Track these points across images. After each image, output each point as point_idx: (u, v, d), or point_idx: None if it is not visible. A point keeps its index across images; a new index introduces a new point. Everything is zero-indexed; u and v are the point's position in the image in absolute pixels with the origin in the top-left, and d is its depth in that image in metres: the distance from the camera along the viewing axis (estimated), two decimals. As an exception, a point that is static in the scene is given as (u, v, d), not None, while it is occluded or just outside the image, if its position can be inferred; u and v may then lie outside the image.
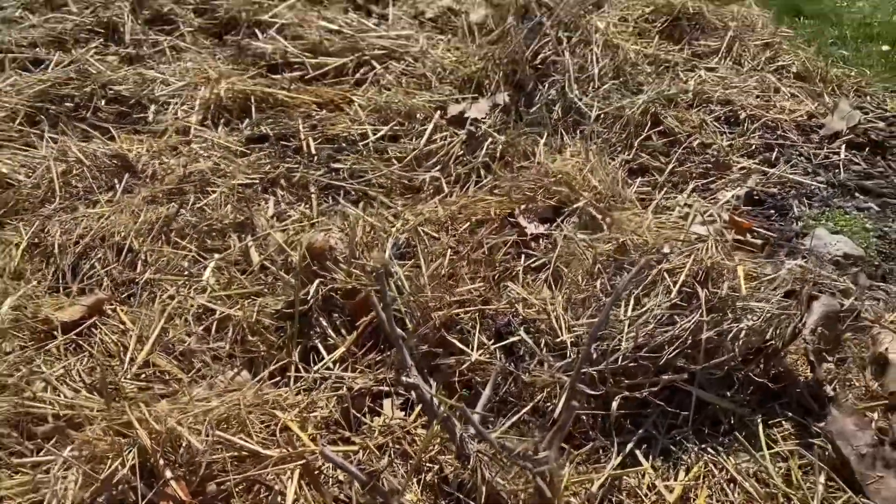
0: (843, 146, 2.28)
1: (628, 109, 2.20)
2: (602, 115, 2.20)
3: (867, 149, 2.30)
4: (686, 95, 2.34)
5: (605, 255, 1.56)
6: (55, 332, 1.56)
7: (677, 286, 1.41)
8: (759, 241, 1.79)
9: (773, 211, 2.01)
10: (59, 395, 1.40)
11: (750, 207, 2.02)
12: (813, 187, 2.11)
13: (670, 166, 2.13)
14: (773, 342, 1.41)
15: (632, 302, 1.41)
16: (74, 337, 1.56)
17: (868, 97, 2.61)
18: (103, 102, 2.35)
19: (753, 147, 2.24)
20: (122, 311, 1.65)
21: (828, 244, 1.83)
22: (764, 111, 2.36)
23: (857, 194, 2.11)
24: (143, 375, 1.48)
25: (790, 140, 2.29)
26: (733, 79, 2.48)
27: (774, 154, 2.23)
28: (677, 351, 1.35)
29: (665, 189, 2.06)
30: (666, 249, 1.49)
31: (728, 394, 1.42)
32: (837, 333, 1.47)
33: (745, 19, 2.79)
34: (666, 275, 1.44)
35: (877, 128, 2.39)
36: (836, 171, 2.19)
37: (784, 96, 2.47)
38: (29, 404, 1.35)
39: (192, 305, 1.65)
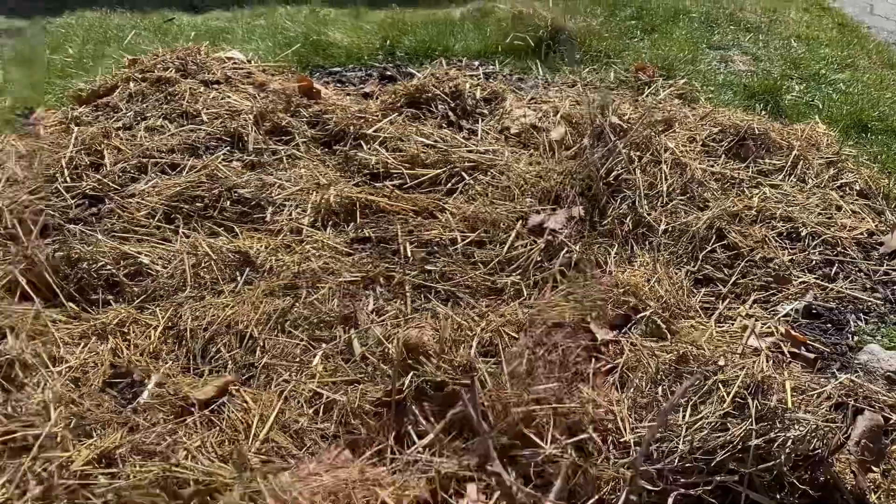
0: (903, 263, 2.42)
1: (694, 224, 2.41)
2: (669, 229, 2.41)
3: (926, 266, 2.43)
4: (750, 212, 2.54)
5: (667, 363, 1.76)
6: (192, 408, 1.85)
7: (730, 396, 1.60)
8: (811, 356, 1.94)
9: (829, 325, 2.16)
10: (197, 463, 1.67)
11: (808, 321, 2.17)
12: (870, 303, 2.25)
13: (733, 278, 2.31)
14: (819, 451, 1.57)
15: (689, 409, 1.60)
16: (207, 413, 1.85)
17: (932, 213, 2.73)
18: (228, 203, 2.69)
19: (813, 262, 2.41)
20: (245, 391, 1.93)
21: (881, 360, 1.97)
22: (825, 228, 2.53)
23: (914, 311, 2.24)
24: (265, 450, 1.74)
25: (850, 256, 2.44)
26: (796, 196, 2.66)
27: (834, 269, 2.39)
28: (728, 454, 1.53)
29: (728, 300, 2.24)
30: (721, 362, 1.68)
31: (778, 496, 1.57)
32: (881, 446, 1.61)
33: (809, 139, 2.97)
34: (721, 385, 1.63)
35: (937, 246, 2.52)
36: (895, 287, 2.33)
37: (845, 213, 2.63)
38: (174, 470, 1.63)
39: (303, 389, 1.92)
